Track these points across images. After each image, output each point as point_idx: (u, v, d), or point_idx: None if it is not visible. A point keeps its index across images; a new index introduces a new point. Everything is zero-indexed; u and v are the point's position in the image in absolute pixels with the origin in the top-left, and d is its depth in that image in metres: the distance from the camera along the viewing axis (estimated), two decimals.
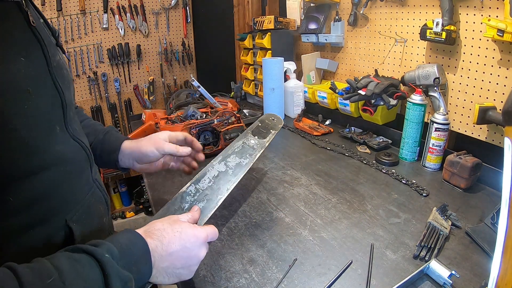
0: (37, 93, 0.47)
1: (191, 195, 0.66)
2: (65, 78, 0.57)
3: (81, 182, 0.58)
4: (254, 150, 0.81)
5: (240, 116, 1.30)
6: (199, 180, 0.70)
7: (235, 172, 0.73)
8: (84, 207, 0.57)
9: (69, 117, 0.56)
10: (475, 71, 0.97)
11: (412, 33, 1.15)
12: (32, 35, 0.50)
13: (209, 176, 0.71)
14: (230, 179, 0.71)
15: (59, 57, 0.58)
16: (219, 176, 0.72)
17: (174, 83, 2.56)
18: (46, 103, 0.50)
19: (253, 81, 1.91)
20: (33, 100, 0.46)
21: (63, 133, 0.54)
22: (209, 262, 0.67)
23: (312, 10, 1.59)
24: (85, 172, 0.60)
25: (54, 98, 0.52)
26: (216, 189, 0.69)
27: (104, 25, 2.22)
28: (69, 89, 0.58)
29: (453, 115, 1.06)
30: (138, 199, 2.68)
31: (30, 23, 0.49)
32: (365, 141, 1.23)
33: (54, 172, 0.50)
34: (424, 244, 0.67)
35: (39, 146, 0.47)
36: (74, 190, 0.56)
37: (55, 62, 0.54)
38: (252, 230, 0.77)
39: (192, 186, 0.68)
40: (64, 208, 0.53)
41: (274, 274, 0.63)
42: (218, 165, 0.74)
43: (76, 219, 0.54)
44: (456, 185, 0.92)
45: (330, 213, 0.82)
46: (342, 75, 1.56)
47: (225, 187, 0.69)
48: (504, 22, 0.81)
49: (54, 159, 0.50)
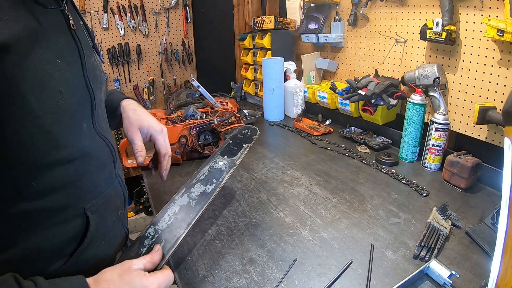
0: (69, 93, 0.51)
1: (149, 238, 0.62)
2: (97, 78, 0.60)
3: (103, 175, 0.61)
4: (221, 173, 0.75)
5: (240, 116, 1.30)
6: (158, 220, 0.65)
7: (198, 203, 0.67)
8: (103, 199, 0.60)
9: (97, 114, 0.60)
10: (475, 71, 0.97)
11: (412, 33, 1.15)
12: (71, 38, 0.53)
13: (170, 214, 0.66)
14: (191, 212, 0.65)
15: (94, 58, 0.61)
16: (180, 211, 0.66)
17: (174, 83, 2.56)
18: (76, 102, 0.53)
19: (253, 81, 1.91)
20: (64, 100, 0.49)
21: (90, 130, 0.58)
22: (209, 262, 0.67)
23: (312, 10, 1.59)
24: (108, 167, 0.63)
25: (84, 97, 0.56)
26: (175, 227, 0.63)
27: (104, 25, 2.21)
28: (100, 89, 0.62)
29: (453, 115, 1.06)
30: (138, 199, 2.68)
31: (70, 27, 0.53)
32: (365, 141, 1.23)
33: (78, 164, 0.54)
34: (424, 244, 0.67)
35: (66, 141, 0.51)
36: (95, 182, 0.59)
37: (90, 64, 0.57)
38: (252, 230, 0.77)
39: (151, 228, 0.63)
40: (84, 198, 0.56)
41: (274, 274, 0.63)
42: (180, 199, 0.69)
43: (94, 209, 0.58)
44: (456, 185, 0.92)
45: (330, 213, 0.82)
46: (342, 75, 1.56)
47: (185, 223, 0.63)
48: (504, 22, 0.81)
49: (80, 153, 0.54)
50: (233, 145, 0.85)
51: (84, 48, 0.55)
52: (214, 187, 0.71)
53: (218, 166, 0.77)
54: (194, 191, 0.71)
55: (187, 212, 0.66)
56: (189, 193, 0.70)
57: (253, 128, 0.91)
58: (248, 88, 1.96)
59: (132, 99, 0.81)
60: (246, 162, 1.13)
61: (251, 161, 1.15)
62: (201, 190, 0.71)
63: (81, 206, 0.55)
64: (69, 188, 0.53)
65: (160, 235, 0.62)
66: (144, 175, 1.09)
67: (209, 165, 0.78)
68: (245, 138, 0.87)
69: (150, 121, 0.75)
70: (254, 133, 0.89)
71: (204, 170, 0.76)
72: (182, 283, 0.62)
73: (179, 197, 0.69)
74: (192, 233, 0.77)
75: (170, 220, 0.64)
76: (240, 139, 0.87)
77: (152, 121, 0.75)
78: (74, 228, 0.55)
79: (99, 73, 0.62)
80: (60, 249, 0.54)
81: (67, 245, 0.55)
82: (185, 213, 0.66)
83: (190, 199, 0.69)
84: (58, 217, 0.52)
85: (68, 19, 0.53)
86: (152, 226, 0.64)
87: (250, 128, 0.91)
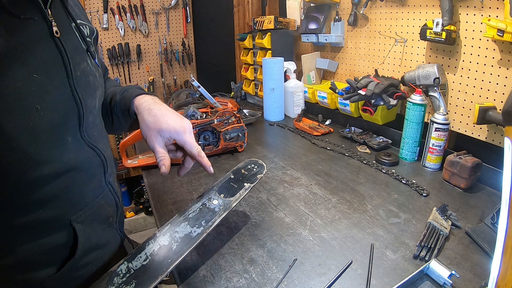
0: (48, 108, 0.47)
1: (119, 276, 0.55)
2: (90, 85, 0.56)
3: (91, 186, 0.58)
4: (213, 215, 0.66)
5: (240, 116, 1.30)
6: (134, 256, 0.58)
7: (180, 246, 0.60)
8: (92, 209, 0.58)
9: (87, 124, 0.56)
10: (475, 71, 0.97)
11: (412, 33, 1.15)
12: (54, 47, 0.49)
13: (147, 252, 0.59)
14: (170, 258, 0.57)
15: (87, 63, 0.56)
16: (159, 252, 0.59)
17: (174, 83, 2.56)
18: (59, 116, 0.49)
19: (253, 81, 1.91)
20: (41, 117, 0.46)
21: (77, 141, 0.54)
22: (209, 262, 0.67)
23: (312, 10, 1.59)
24: (97, 176, 0.60)
25: (70, 109, 0.52)
26: (151, 270, 0.56)
27: (104, 25, 2.21)
28: (93, 95, 0.58)
29: (453, 115, 1.06)
30: (138, 199, 2.68)
31: (53, 34, 0.48)
32: (365, 141, 1.23)
33: (63, 179, 0.51)
34: (424, 244, 0.67)
35: (46, 158, 0.48)
36: (82, 194, 0.56)
37: (79, 71, 0.53)
38: (252, 230, 0.77)
39: (124, 265, 0.57)
40: (70, 210, 0.54)
41: (274, 274, 0.63)
42: (161, 237, 0.61)
43: (81, 220, 0.56)
44: (456, 185, 0.92)
45: (330, 213, 0.82)
46: (342, 75, 1.56)
47: (161, 268, 0.56)
48: (504, 22, 0.81)
49: (63, 168, 0.51)
50: (234, 181, 0.75)
51: (71, 55, 0.51)
52: (201, 232, 0.62)
53: (212, 206, 0.68)
54: (179, 231, 0.63)
55: (166, 255, 0.58)
56: (173, 232, 0.62)
57: (260, 164, 0.80)
58: (248, 88, 1.96)
59: (147, 94, 0.71)
60: None
61: None
62: (186, 231, 0.63)
63: (67, 218, 0.54)
64: (54, 202, 0.51)
65: (133, 276, 0.55)
66: (144, 175, 1.09)
67: (202, 202, 0.70)
68: (249, 175, 0.76)
69: (169, 121, 0.64)
70: (261, 170, 0.77)
71: (195, 207, 0.68)
72: (182, 283, 0.62)
73: (161, 235, 0.62)
74: None
75: (146, 260, 0.57)
76: (243, 175, 0.77)
77: (171, 121, 0.64)
78: (60, 239, 0.54)
79: (92, 79, 0.58)
80: (49, 259, 0.54)
81: (55, 255, 0.54)
82: (163, 256, 0.58)
83: (173, 239, 0.61)
84: (43, 229, 0.52)
85: (51, 25, 0.48)
86: (125, 263, 0.57)
87: (258, 164, 0.80)
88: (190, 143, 0.64)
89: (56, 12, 0.50)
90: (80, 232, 0.55)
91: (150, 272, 0.56)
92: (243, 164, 0.80)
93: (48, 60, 0.48)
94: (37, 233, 0.51)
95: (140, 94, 0.69)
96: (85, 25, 0.59)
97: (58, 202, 0.52)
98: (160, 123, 0.63)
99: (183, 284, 0.62)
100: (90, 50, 0.58)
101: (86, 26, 0.60)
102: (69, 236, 0.55)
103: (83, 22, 0.59)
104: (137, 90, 0.71)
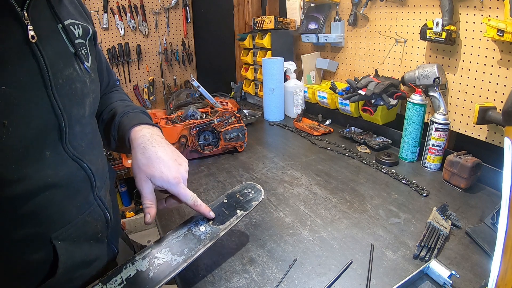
0: (18, 123, 0.42)
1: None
2: (75, 93, 0.51)
3: (75, 203, 0.53)
4: (198, 243, 0.61)
5: (240, 116, 1.30)
6: (109, 278, 0.54)
7: (157, 275, 0.55)
8: (76, 226, 0.53)
9: (72, 135, 0.51)
10: (475, 71, 0.97)
11: (412, 33, 1.15)
12: (29, 53, 0.43)
13: (123, 276, 0.54)
14: (146, 284, 0.54)
15: (73, 68, 0.51)
16: (135, 278, 0.55)
17: (174, 83, 2.56)
18: (32, 132, 0.44)
19: (253, 81, 1.91)
20: (9, 134, 0.41)
21: (57, 156, 0.49)
22: (209, 262, 0.67)
23: (312, 10, 1.59)
24: (81, 192, 0.54)
25: (47, 122, 0.47)
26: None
27: (104, 25, 2.21)
28: (80, 104, 0.53)
29: (453, 115, 1.06)
30: (138, 199, 2.67)
31: (28, 39, 0.42)
32: (365, 141, 1.23)
33: (40, 197, 0.47)
34: (424, 244, 0.67)
35: (17, 177, 0.43)
36: (63, 212, 0.51)
37: (62, 78, 0.48)
38: (252, 230, 0.77)
39: (98, 286, 0.53)
40: (50, 229, 0.49)
41: (274, 274, 0.63)
42: (140, 262, 0.57)
43: (63, 237, 0.51)
44: (456, 185, 0.92)
45: (330, 213, 0.82)
46: (342, 75, 1.56)
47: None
48: (504, 22, 0.81)
49: (40, 185, 0.46)
50: (226, 207, 0.69)
51: (50, 62, 0.46)
52: (181, 261, 0.57)
53: (198, 233, 0.63)
54: (159, 257, 0.58)
55: (142, 283, 0.54)
56: (152, 258, 0.58)
57: (258, 189, 0.73)
58: (248, 88, 1.96)
59: (147, 125, 0.65)
60: (246, 162, 1.14)
61: (251, 161, 1.15)
62: (166, 259, 0.58)
63: (47, 235, 0.49)
64: (31, 220, 0.47)
65: None
66: None
67: (188, 227, 0.64)
68: (244, 201, 0.70)
69: (164, 169, 0.58)
70: (257, 197, 0.70)
71: (180, 233, 0.63)
72: (182, 283, 0.62)
73: (140, 259, 0.57)
74: None
75: (121, 284, 0.54)
76: (237, 200, 0.70)
77: (166, 170, 0.58)
78: (40, 257, 0.49)
79: (80, 85, 0.52)
80: (27, 276, 0.50)
81: (34, 272, 0.50)
82: (139, 283, 0.54)
83: (151, 266, 0.56)
84: (21, 247, 0.47)
85: (26, 29, 0.42)
86: (100, 284, 0.53)
87: (255, 189, 0.73)
88: (184, 194, 0.60)
89: (36, 14, 0.44)
90: (61, 250, 0.50)
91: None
92: (239, 188, 0.74)
93: (19, 69, 0.42)
94: (15, 251, 0.47)
95: (139, 124, 0.64)
96: (77, 25, 0.54)
97: (36, 221, 0.47)
98: (153, 170, 0.58)
99: (183, 284, 0.62)
100: (78, 54, 0.52)
101: (79, 26, 0.54)
102: (48, 254, 0.50)
103: (76, 21, 0.54)
104: (136, 118, 0.65)
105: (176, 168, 0.60)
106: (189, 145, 1.13)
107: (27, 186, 0.45)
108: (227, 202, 0.70)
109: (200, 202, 0.62)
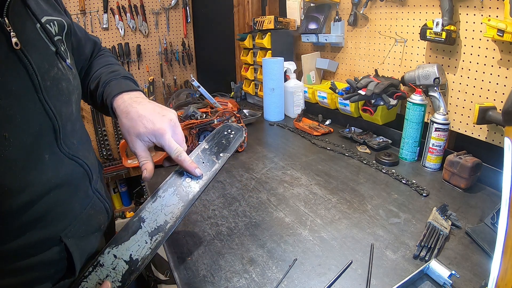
0: (18, 132, 0.42)
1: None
2: (62, 92, 0.51)
3: (77, 199, 0.55)
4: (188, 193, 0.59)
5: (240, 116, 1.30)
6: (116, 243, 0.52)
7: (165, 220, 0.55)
8: (82, 220, 0.55)
9: (65, 134, 0.52)
10: (475, 71, 0.97)
11: (412, 33, 1.15)
12: (16, 60, 0.43)
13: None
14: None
15: (57, 68, 0.51)
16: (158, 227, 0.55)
17: (174, 83, 2.56)
18: (30, 137, 0.45)
19: (253, 81, 1.91)
20: (11, 145, 0.41)
21: (55, 156, 0.50)
22: (209, 262, 0.67)
23: (312, 10, 1.59)
24: (81, 187, 0.56)
25: (43, 126, 0.47)
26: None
27: (104, 25, 2.21)
28: (68, 103, 0.53)
29: (453, 115, 1.06)
30: (138, 199, 2.68)
31: (12, 46, 0.41)
32: (365, 141, 1.23)
33: (45, 200, 0.48)
34: (424, 244, 0.67)
35: (23, 185, 0.44)
36: (69, 209, 0.53)
37: (49, 80, 0.48)
38: (252, 230, 0.77)
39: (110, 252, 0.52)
40: (59, 227, 0.51)
41: (274, 274, 0.63)
42: (151, 204, 0.58)
43: (71, 234, 0.53)
44: (456, 185, 0.92)
45: (330, 213, 0.82)
46: (342, 75, 1.56)
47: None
48: (504, 22, 0.81)
49: (45, 189, 0.47)
50: (208, 152, 0.65)
51: (37, 65, 0.45)
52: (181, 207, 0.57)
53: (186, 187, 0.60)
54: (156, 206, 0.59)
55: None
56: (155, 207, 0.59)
57: (237, 128, 0.68)
58: (248, 88, 1.96)
59: (127, 92, 0.64)
60: (246, 162, 1.14)
61: (251, 161, 1.15)
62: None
63: (56, 235, 0.51)
64: (39, 223, 0.48)
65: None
66: None
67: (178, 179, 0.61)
68: (226, 143, 0.67)
69: (147, 124, 0.58)
70: (239, 137, 0.66)
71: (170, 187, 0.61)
72: (182, 283, 0.62)
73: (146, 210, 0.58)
74: (192, 233, 0.77)
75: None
76: (219, 143, 0.67)
77: (149, 124, 0.58)
78: (53, 257, 0.51)
79: (65, 84, 0.52)
80: (42, 276, 0.51)
81: (49, 272, 0.51)
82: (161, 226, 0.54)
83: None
84: (32, 251, 0.48)
85: (9, 36, 0.41)
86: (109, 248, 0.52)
87: (233, 128, 0.68)
88: (168, 146, 0.59)
89: (15, 18, 0.43)
90: (72, 247, 0.52)
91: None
92: (218, 130, 0.69)
93: (10, 79, 0.41)
94: (27, 256, 0.48)
95: (120, 93, 0.63)
96: (53, 22, 0.53)
97: (43, 223, 0.48)
98: (138, 127, 0.58)
99: (183, 284, 0.62)
100: (59, 52, 0.52)
101: (55, 22, 0.53)
102: (61, 252, 0.51)
103: (51, 17, 0.53)
104: (117, 86, 0.65)
105: (160, 120, 0.59)
106: (189, 145, 1.13)
107: (32, 192, 0.45)
108: (208, 148, 0.66)
109: (184, 157, 0.59)
